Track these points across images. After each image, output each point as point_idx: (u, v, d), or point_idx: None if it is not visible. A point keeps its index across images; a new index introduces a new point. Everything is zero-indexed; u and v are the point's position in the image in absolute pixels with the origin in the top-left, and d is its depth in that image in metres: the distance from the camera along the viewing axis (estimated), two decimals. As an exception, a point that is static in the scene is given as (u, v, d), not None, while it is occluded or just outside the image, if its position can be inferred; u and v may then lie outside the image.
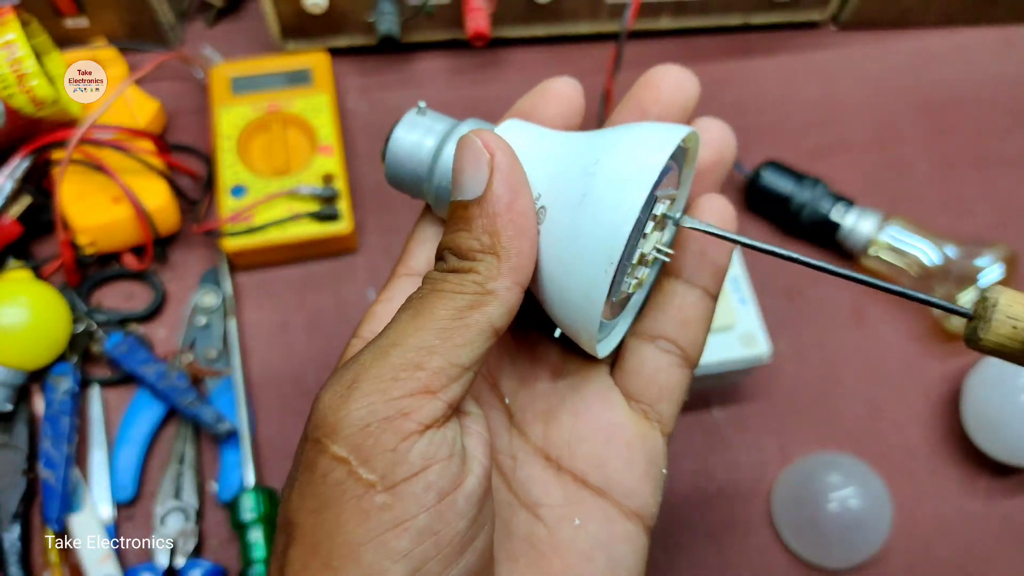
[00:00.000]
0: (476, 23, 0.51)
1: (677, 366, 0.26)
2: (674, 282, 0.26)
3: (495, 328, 0.21)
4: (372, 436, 0.19)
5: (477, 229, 0.21)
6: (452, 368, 0.20)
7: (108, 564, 0.42)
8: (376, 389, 0.20)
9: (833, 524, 0.44)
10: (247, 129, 0.50)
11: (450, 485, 0.20)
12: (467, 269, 0.21)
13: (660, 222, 0.23)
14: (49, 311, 0.44)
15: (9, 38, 0.43)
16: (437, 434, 0.20)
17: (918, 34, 0.59)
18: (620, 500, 0.24)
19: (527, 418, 0.26)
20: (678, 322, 0.25)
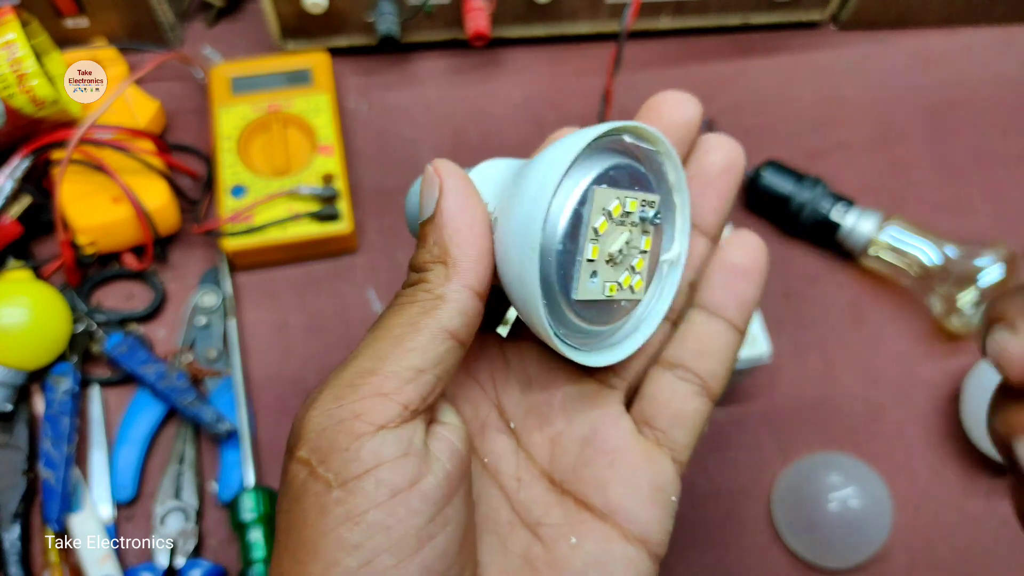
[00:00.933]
0: (476, 23, 0.51)
1: (694, 395, 0.26)
2: (697, 312, 0.26)
3: (448, 330, 0.22)
4: (328, 438, 0.21)
5: (429, 243, 0.23)
6: (404, 371, 0.21)
7: (108, 564, 0.42)
8: (333, 396, 0.21)
9: (833, 524, 0.44)
10: (247, 129, 0.50)
11: (404, 483, 0.21)
12: (420, 280, 0.23)
13: (629, 223, 0.24)
14: (49, 311, 0.44)
15: (9, 38, 0.43)
16: (390, 434, 0.21)
17: (918, 34, 0.59)
18: (622, 524, 0.24)
19: (535, 440, 0.26)
20: (697, 352, 0.26)
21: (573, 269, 0.23)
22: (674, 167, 0.25)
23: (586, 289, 0.23)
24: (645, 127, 0.24)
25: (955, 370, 0.49)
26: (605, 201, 0.23)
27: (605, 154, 0.23)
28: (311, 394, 0.22)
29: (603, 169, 0.23)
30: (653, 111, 0.26)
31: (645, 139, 0.24)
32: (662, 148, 0.25)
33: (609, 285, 0.24)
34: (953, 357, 0.50)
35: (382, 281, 0.50)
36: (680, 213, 0.26)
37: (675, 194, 0.26)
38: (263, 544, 0.41)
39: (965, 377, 0.48)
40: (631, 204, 0.23)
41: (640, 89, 0.57)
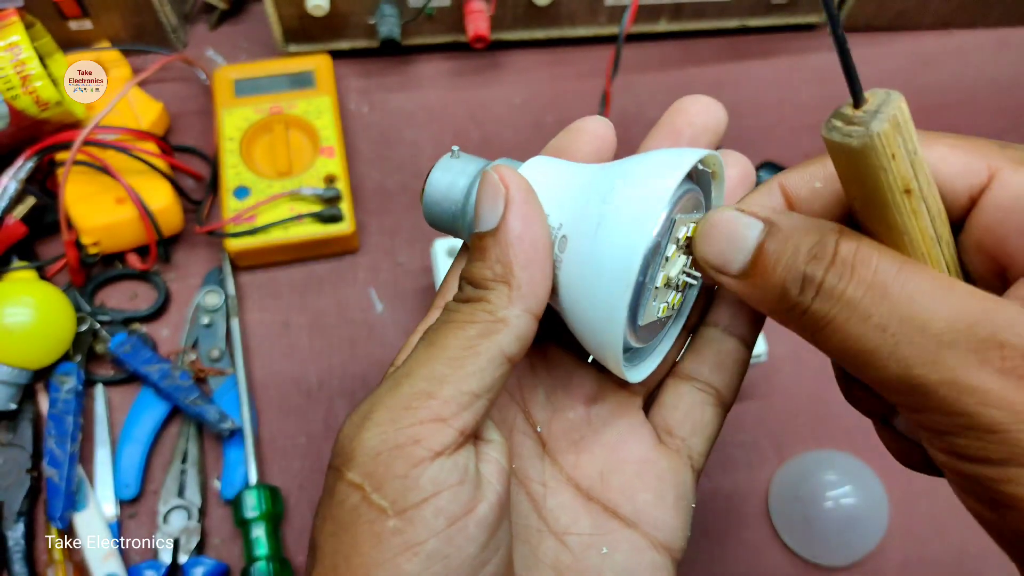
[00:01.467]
0: (476, 26, 0.52)
1: (711, 405, 0.26)
2: (712, 330, 0.27)
3: (506, 355, 0.22)
4: (384, 463, 0.20)
5: (491, 259, 0.22)
6: (463, 396, 0.21)
7: (112, 562, 0.42)
8: (389, 418, 0.21)
9: (830, 522, 0.45)
10: (250, 131, 0.51)
11: (461, 510, 0.20)
12: (479, 298, 0.22)
13: (684, 246, 0.23)
14: (53, 311, 0.45)
15: (13, 40, 0.43)
16: (448, 461, 0.21)
17: (914, 36, 0.60)
18: (649, 532, 0.25)
19: (560, 447, 0.26)
20: (714, 366, 0.26)
21: (643, 297, 0.22)
22: (719, 189, 0.25)
23: (649, 314, 0.23)
24: (713, 153, 0.24)
25: (951, 369, 0.50)
26: (676, 229, 0.22)
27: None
28: (358, 409, 0.22)
29: (680, 195, 0.22)
30: (683, 112, 0.26)
31: (705, 163, 0.24)
32: (719, 171, 0.25)
33: (663, 307, 0.24)
34: (949, 356, 0.50)
35: (383, 281, 0.51)
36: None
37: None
38: (266, 541, 0.42)
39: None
40: (693, 229, 0.23)
41: (639, 91, 0.58)
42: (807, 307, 0.20)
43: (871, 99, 0.19)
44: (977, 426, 0.17)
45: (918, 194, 0.19)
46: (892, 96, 0.19)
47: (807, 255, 0.20)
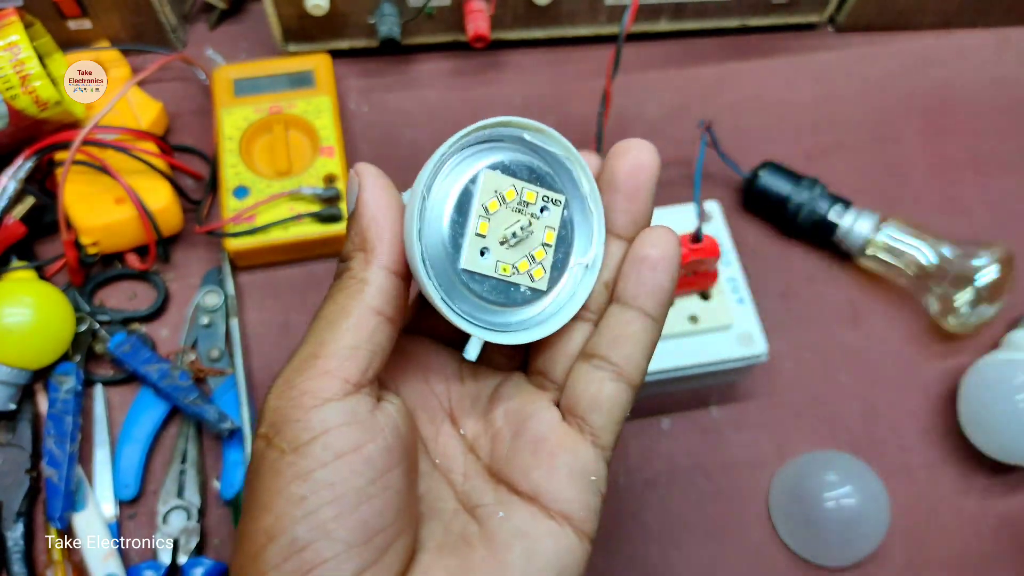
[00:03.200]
0: (476, 25, 0.52)
1: (609, 380, 0.27)
2: (612, 306, 0.28)
3: (374, 308, 0.25)
4: (282, 414, 0.24)
5: (352, 234, 0.26)
6: (342, 350, 0.24)
7: (111, 562, 0.42)
8: (284, 381, 0.25)
9: (830, 522, 0.45)
10: (249, 130, 0.51)
11: (349, 447, 0.23)
12: (344, 269, 0.26)
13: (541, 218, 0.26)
14: (53, 311, 0.45)
15: (12, 39, 0.43)
16: (337, 405, 0.24)
17: (914, 36, 0.60)
18: (547, 504, 0.26)
19: (480, 443, 0.29)
20: (610, 340, 0.27)
21: (462, 239, 0.25)
22: (585, 175, 0.27)
23: (475, 262, 0.25)
24: (549, 130, 0.26)
25: (952, 369, 0.50)
26: (497, 184, 0.25)
27: (509, 149, 0.26)
28: (269, 386, 0.25)
29: (502, 159, 0.26)
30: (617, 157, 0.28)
31: (551, 141, 0.27)
32: (565, 152, 0.27)
33: (502, 265, 0.26)
34: (950, 356, 0.50)
35: (383, 281, 0.50)
36: (596, 220, 0.28)
37: (590, 202, 0.28)
38: (265, 542, 0.42)
39: (962, 376, 0.48)
40: (528, 194, 0.26)
41: (639, 91, 0.58)
42: None
43: None
44: None
45: None
46: None
47: None
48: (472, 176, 0.25)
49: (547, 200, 0.26)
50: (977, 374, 0.47)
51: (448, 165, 0.26)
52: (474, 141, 0.26)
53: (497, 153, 0.26)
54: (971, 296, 0.48)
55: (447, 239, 0.25)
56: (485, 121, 0.26)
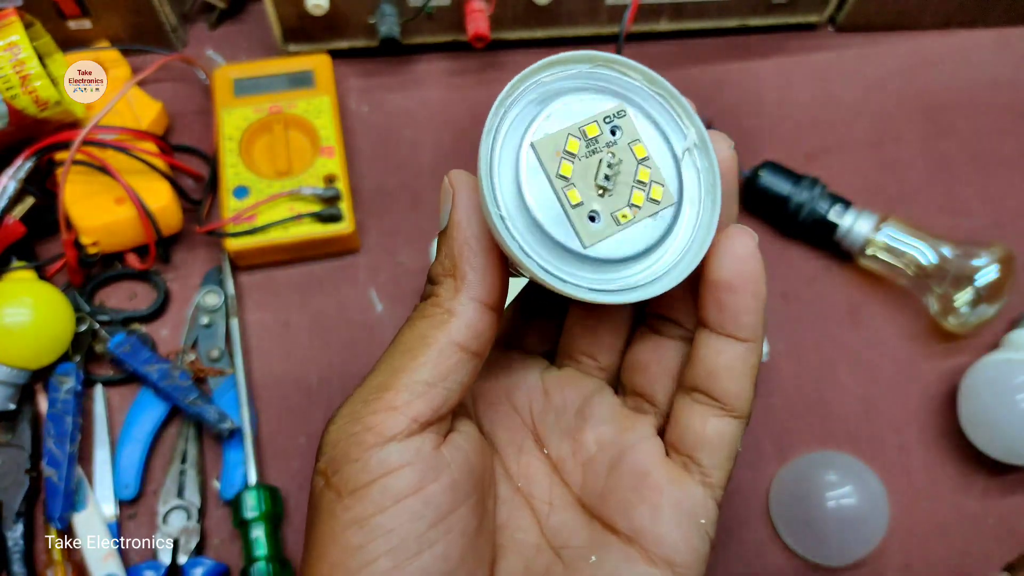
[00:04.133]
0: (476, 25, 0.52)
1: (713, 416, 0.25)
2: (700, 332, 0.25)
3: (458, 343, 0.23)
4: (342, 450, 0.22)
5: (443, 255, 0.24)
6: (415, 385, 0.23)
7: (111, 562, 0.42)
8: (349, 412, 0.23)
9: (830, 522, 0.45)
10: (249, 130, 0.51)
11: (409, 489, 0.22)
12: (431, 294, 0.24)
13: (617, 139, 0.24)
14: (52, 311, 0.45)
15: (12, 39, 0.43)
16: (399, 445, 0.22)
17: (915, 36, 0.60)
18: (647, 546, 0.24)
19: (567, 467, 0.27)
20: (705, 373, 0.24)
21: (567, 224, 0.23)
22: (630, 67, 0.25)
23: (594, 233, 0.23)
24: (566, 54, 0.24)
25: (952, 369, 0.50)
26: (552, 145, 0.23)
27: (540, 99, 0.24)
28: (335, 411, 0.24)
29: (539, 119, 0.23)
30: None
31: (561, 64, 0.25)
32: (590, 64, 0.25)
33: (619, 214, 0.23)
34: (950, 356, 0.50)
35: (383, 281, 0.50)
36: (672, 102, 0.25)
37: (650, 87, 0.25)
38: (265, 542, 0.42)
39: (962, 376, 0.48)
40: (589, 128, 0.24)
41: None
42: None
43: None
44: None
45: None
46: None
47: None
48: (515, 162, 0.23)
49: (610, 119, 0.24)
50: (977, 374, 0.47)
51: (496, 162, 0.23)
52: (507, 111, 0.24)
53: (531, 112, 0.23)
54: (971, 296, 0.48)
55: (553, 237, 0.22)
56: (501, 96, 0.24)
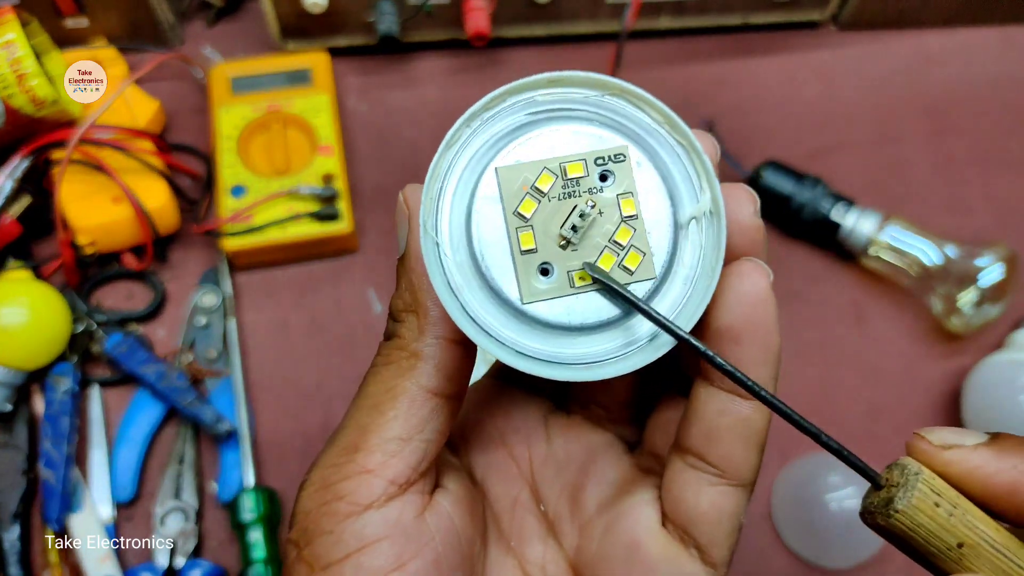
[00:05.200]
0: (476, 23, 0.51)
1: (709, 485, 0.21)
2: (698, 385, 0.21)
3: (429, 390, 0.20)
4: (314, 520, 0.20)
5: (402, 287, 0.21)
6: (388, 443, 0.20)
7: (108, 564, 0.42)
8: (320, 478, 0.21)
9: (832, 524, 0.44)
10: (247, 129, 0.50)
11: (387, 566, 0.20)
12: (393, 333, 0.21)
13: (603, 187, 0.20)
14: (49, 311, 0.44)
15: (9, 38, 0.43)
16: (376, 514, 0.20)
17: (918, 34, 0.59)
18: None
19: (564, 529, 0.24)
20: (703, 433, 0.21)
21: (511, 270, 0.19)
22: (648, 103, 0.21)
23: (538, 289, 0.19)
24: (569, 74, 0.21)
25: (955, 370, 0.49)
26: (519, 179, 0.19)
27: (527, 123, 0.20)
28: (306, 474, 0.21)
29: (505, 141, 0.20)
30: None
31: (574, 85, 0.21)
32: (600, 90, 0.21)
33: (577, 274, 0.20)
34: (953, 357, 0.50)
35: (382, 281, 0.50)
36: (693, 155, 0.20)
37: (670, 134, 0.21)
38: (263, 544, 0.41)
39: (966, 376, 0.48)
40: (573, 168, 0.20)
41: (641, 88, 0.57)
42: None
43: (891, 475, 0.19)
44: None
45: (973, 541, 0.19)
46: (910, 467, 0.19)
47: None
48: (474, 184, 0.19)
49: (603, 160, 0.20)
50: (981, 374, 0.47)
51: (451, 178, 0.20)
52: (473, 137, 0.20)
53: (511, 131, 0.20)
54: (975, 296, 0.47)
55: (490, 281, 0.19)
56: (476, 107, 0.20)
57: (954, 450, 0.19)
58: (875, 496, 0.20)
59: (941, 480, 0.19)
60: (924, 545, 0.19)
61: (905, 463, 0.19)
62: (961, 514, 0.19)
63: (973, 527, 0.19)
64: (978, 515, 0.19)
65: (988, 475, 0.19)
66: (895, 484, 0.19)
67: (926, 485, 0.19)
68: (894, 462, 0.20)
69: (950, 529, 0.19)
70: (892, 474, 0.19)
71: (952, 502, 0.19)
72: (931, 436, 0.20)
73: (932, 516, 0.19)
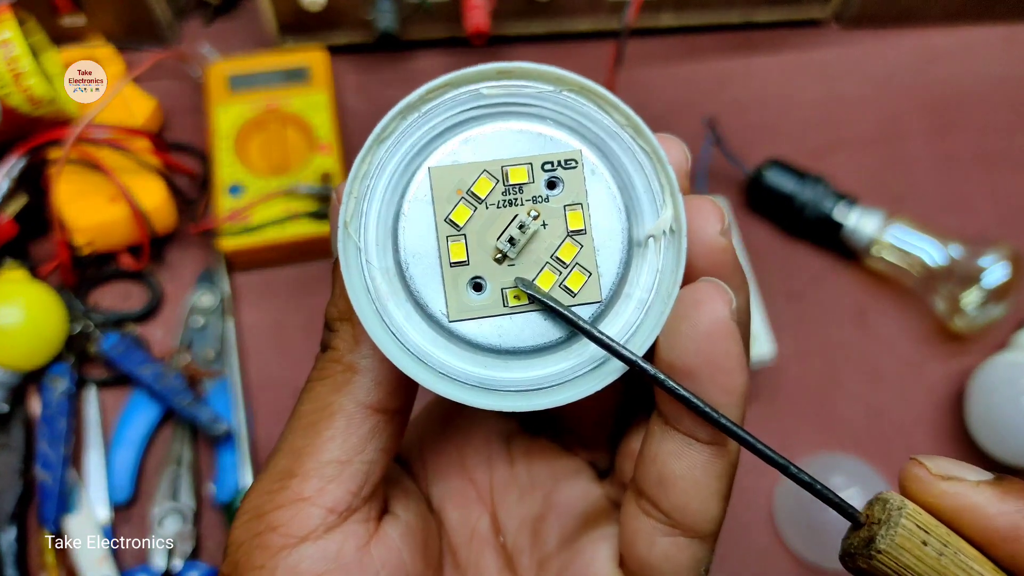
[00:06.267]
0: (475, 20, 0.51)
1: (661, 535, 0.19)
2: (653, 423, 0.19)
3: (367, 406, 0.19)
4: (245, 554, 0.19)
5: (335, 293, 0.20)
6: (324, 467, 0.18)
7: (105, 566, 0.41)
8: (252, 506, 0.19)
9: (835, 526, 0.44)
10: (245, 127, 0.50)
11: None
12: (327, 344, 0.20)
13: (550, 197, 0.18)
14: (45, 311, 0.44)
15: (5, 36, 0.42)
16: (313, 547, 0.18)
17: (921, 32, 0.59)
18: None
19: (523, 563, 0.22)
20: (655, 478, 0.19)
21: (435, 283, 0.18)
22: (610, 104, 0.19)
23: (468, 306, 0.18)
24: (522, 65, 0.19)
25: (959, 370, 0.49)
26: (453, 182, 0.18)
27: (471, 118, 0.18)
28: (241, 502, 0.20)
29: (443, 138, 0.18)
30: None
31: (530, 78, 0.19)
32: (555, 85, 0.19)
33: (512, 292, 0.18)
34: (957, 357, 0.50)
35: (381, 281, 0.50)
36: (657, 166, 0.19)
37: (632, 140, 0.19)
38: (261, 546, 0.41)
39: (969, 377, 0.47)
40: (516, 173, 0.18)
41: (642, 87, 0.57)
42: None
43: (871, 511, 0.18)
44: None
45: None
46: (892, 501, 0.18)
47: None
48: (404, 185, 0.18)
49: (552, 166, 0.18)
50: (985, 375, 0.46)
51: (381, 176, 0.18)
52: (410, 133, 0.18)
53: (450, 127, 0.18)
54: (978, 296, 0.47)
55: (415, 294, 0.18)
56: (412, 97, 0.18)
57: (952, 483, 0.18)
58: (854, 536, 0.18)
59: (929, 516, 0.18)
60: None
61: (887, 497, 0.18)
62: (953, 553, 0.17)
63: (967, 567, 0.17)
64: (971, 554, 0.18)
65: (988, 516, 0.17)
66: (876, 521, 0.18)
67: (911, 521, 0.17)
68: (875, 497, 0.18)
69: (940, 570, 0.17)
70: (873, 510, 0.18)
71: (942, 540, 0.17)
72: (930, 464, 0.18)
73: (920, 556, 0.17)
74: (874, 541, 0.17)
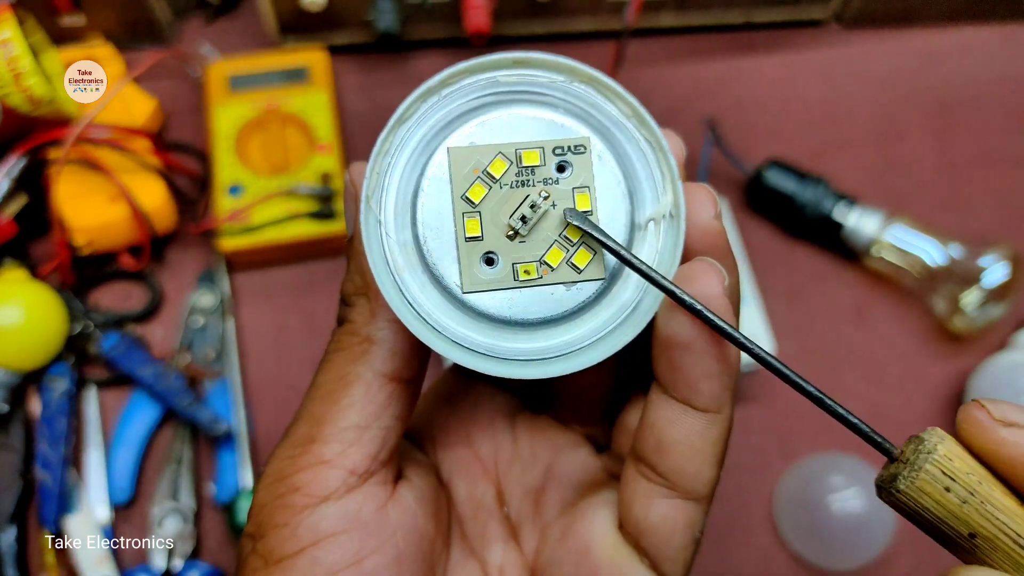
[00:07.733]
0: (476, 20, 0.51)
1: (659, 496, 0.20)
2: (653, 392, 0.20)
3: (384, 375, 0.20)
4: (268, 514, 0.20)
5: (351, 269, 0.21)
6: (344, 432, 0.19)
7: (105, 566, 0.41)
8: (275, 470, 0.20)
9: (836, 526, 0.44)
10: (245, 127, 0.50)
11: (344, 561, 0.19)
12: (344, 318, 0.21)
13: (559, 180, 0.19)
14: (45, 311, 0.44)
15: (5, 36, 0.42)
16: (334, 506, 0.19)
17: (922, 32, 0.59)
18: None
19: (525, 531, 0.23)
20: (653, 443, 0.20)
21: (453, 257, 0.19)
22: (616, 94, 0.20)
23: (480, 279, 0.19)
24: (534, 55, 0.19)
25: (959, 370, 0.49)
26: (471, 162, 0.19)
27: (484, 105, 0.19)
28: (263, 468, 0.21)
29: (461, 121, 0.19)
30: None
31: (543, 67, 0.20)
32: (567, 75, 0.20)
33: (523, 267, 0.19)
34: (957, 357, 0.50)
35: (381, 281, 0.50)
36: (659, 154, 0.20)
37: (636, 129, 0.20)
38: (261, 546, 0.41)
39: (969, 377, 0.47)
40: (529, 156, 0.19)
41: (642, 87, 0.57)
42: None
43: (906, 449, 0.18)
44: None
45: (990, 533, 0.17)
46: (926, 443, 0.18)
47: None
48: (423, 164, 0.19)
49: (563, 151, 0.19)
50: (985, 375, 0.46)
51: (401, 155, 0.19)
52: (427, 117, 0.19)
53: (468, 111, 0.19)
54: (978, 296, 0.47)
55: (431, 267, 0.19)
56: (433, 81, 0.19)
57: (1014, 430, 0.17)
58: (886, 469, 0.18)
59: (964, 462, 0.17)
60: (933, 528, 0.18)
61: (924, 437, 0.18)
62: (979, 503, 0.17)
63: (992, 518, 0.17)
64: (1002, 505, 0.17)
65: None
66: (905, 460, 0.18)
67: (937, 467, 0.17)
68: (918, 433, 0.18)
69: (961, 517, 0.17)
70: (907, 448, 0.18)
71: (969, 488, 0.17)
72: (992, 407, 0.18)
73: (940, 501, 0.17)
74: (896, 480, 0.18)
